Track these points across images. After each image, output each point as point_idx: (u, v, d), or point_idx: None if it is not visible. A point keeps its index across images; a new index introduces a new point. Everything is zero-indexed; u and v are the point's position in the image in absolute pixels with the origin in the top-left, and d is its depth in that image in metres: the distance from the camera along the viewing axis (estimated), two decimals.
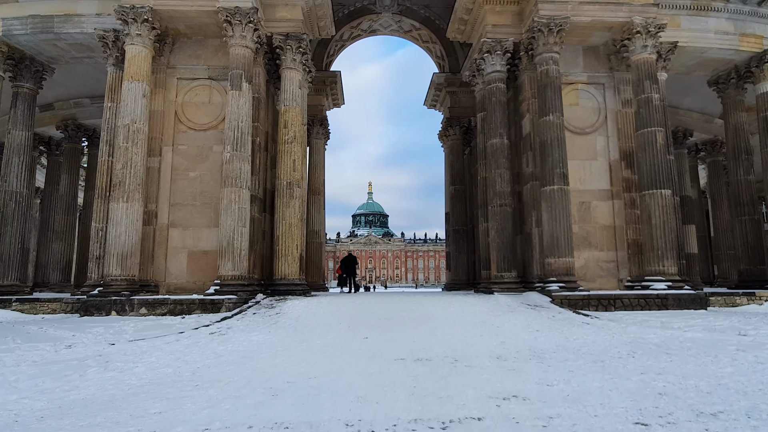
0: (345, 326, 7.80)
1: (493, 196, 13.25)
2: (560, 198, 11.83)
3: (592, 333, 7.21)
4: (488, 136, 13.70)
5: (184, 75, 13.23)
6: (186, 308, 10.65)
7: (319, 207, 19.11)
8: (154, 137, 12.66)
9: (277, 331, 7.50)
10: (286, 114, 13.04)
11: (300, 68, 13.49)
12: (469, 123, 19.63)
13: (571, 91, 13.59)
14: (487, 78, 13.83)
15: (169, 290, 12.36)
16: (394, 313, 9.08)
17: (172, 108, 13.03)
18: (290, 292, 12.12)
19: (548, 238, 11.86)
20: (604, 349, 5.97)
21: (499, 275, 12.87)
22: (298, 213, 12.88)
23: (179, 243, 12.54)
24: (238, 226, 11.27)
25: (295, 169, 12.90)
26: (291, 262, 12.46)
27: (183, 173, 12.84)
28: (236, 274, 11.12)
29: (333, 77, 19.26)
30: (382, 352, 5.83)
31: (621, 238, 13.16)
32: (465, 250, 19.07)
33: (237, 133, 11.59)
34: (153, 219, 12.42)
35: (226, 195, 11.36)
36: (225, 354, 5.86)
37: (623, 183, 13.29)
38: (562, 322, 8.23)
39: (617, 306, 11.05)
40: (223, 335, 7.28)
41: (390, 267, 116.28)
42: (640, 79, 12.63)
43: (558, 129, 12.11)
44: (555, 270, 11.64)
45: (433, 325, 7.91)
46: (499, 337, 6.84)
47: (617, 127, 13.57)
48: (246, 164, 11.66)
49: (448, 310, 9.48)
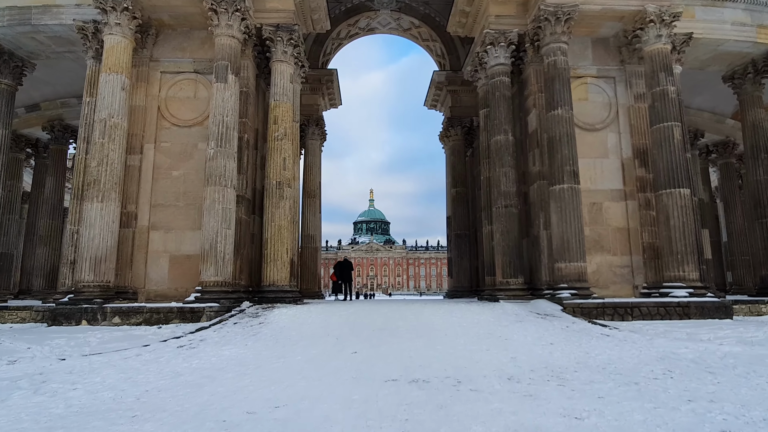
0: (333, 338, 6.89)
1: (498, 197, 12.36)
2: (570, 197, 10.94)
3: (615, 347, 6.29)
4: (492, 133, 12.84)
5: (168, 68, 12.45)
6: (163, 317, 9.74)
7: (314, 210, 18.25)
8: (134, 134, 11.86)
9: (255, 344, 6.59)
10: (276, 109, 12.22)
11: (291, 61, 12.69)
12: (471, 123, 18.84)
13: (579, 86, 12.76)
14: (491, 72, 13.00)
15: (148, 297, 11.48)
16: (390, 323, 8.15)
17: (154, 103, 12.24)
18: (279, 300, 11.21)
19: (558, 241, 10.96)
20: (635, 368, 5.05)
21: (505, 281, 11.95)
22: (288, 215, 12.00)
23: (160, 247, 11.68)
24: (222, 227, 10.40)
25: (285, 167, 12.05)
26: (280, 267, 11.56)
27: (166, 172, 12.01)
28: (219, 280, 10.23)
29: (329, 76, 18.49)
30: (372, 370, 4.92)
31: (636, 241, 12.25)
32: (467, 256, 18.17)
33: (222, 128, 10.76)
34: (132, 221, 11.57)
35: (209, 194, 10.50)
36: (185, 373, 4.96)
37: (637, 182, 12.40)
38: (578, 334, 7.31)
39: (635, 315, 10.10)
40: (193, 349, 6.38)
41: (391, 274, 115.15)
42: (654, 71, 11.79)
43: (567, 124, 11.25)
44: (566, 276, 10.72)
45: (433, 336, 7.00)
46: (509, 351, 5.93)
47: (630, 123, 12.72)
48: (231, 161, 10.82)
49: (449, 319, 8.55)
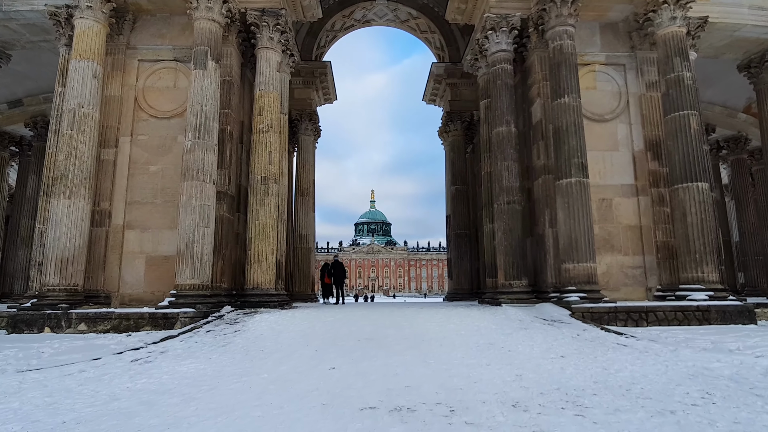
0: (311, 350, 6.04)
1: (500, 193, 11.49)
2: (579, 192, 10.06)
3: (636, 360, 5.41)
4: (493, 125, 11.97)
5: (147, 56, 11.65)
6: (133, 324, 8.90)
7: (307, 209, 17.40)
8: (109, 126, 11.06)
9: (220, 357, 5.75)
10: (262, 99, 11.39)
11: (278, 49, 11.87)
12: (472, 117, 17.97)
13: (587, 74, 11.89)
14: (492, 59, 12.14)
15: (123, 302, 10.66)
16: (379, 331, 7.29)
17: (131, 93, 11.43)
18: (263, 304, 10.36)
19: (565, 240, 10.08)
20: (665, 389, 4.19)
21: (508, 284, 11.07)
22: (274, 212, 11.16)
23: (136, 247, 10.85)
24: (200, 226, 9.56)
25: (271, 161, 11.21)
26: (265, 268, 10.72)
27: (142, 167, 11.19)
28: (196, 283, 9.39)
29: (323, 68, 17.64)
30: (347, 394, 4.07)
31: (648, 240, 11.36)
32: (468, 256, 17.28)
33: (200, 118, 9.93)
34: (106, 219, 10.75)
35: (186, 190, 9.67)
36: (123, 396, 4.12)
37: (650, 177, 11.53)
38: (591, 344, 6.44)
39: (650, 320, 9.22)
40: (148, 363, 5.53)
41: (393, 276, 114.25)
42: (668, 56, 10.91)
43: (575, 112, 10.38)
44: (574, 277, 9.84)
45: (426, 348, 6.14)
46: (513, 366, 5.06)
47: (641, 113, 11.84)
48: (211, 154, 9.98)
49: (446, 327, 7.69)
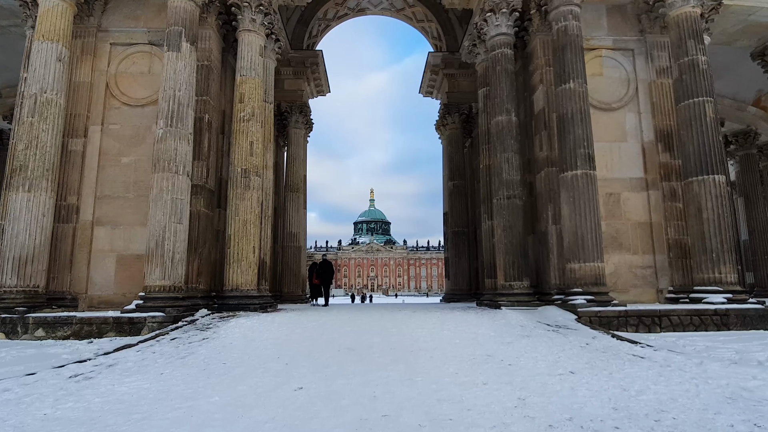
0: (281, 363, 5.23)
1: (499, 187, 10.68)
2: (585, 186, 9.25)
3: (659, 377, 4.61)
4: (492, 114, 11.16)
5: (119, 39, 10.82)
6: (96, 330, 8.09)
7: (297, 205, 16.58)
8: (77, 114, 10.25)
9: (174, 372, 4.94)
10: (243, 85, 10.56)
11: (262, 32, 11.03)
12: (470, 110, 17.14)
13: (593, 59, 11.07)
14: (491, 43, 11.32)
15: (91, 304, 9.86)
16: (363, 339, 6.48)
17: (102, 79, 10.61)
18: (242, 307, 9.55)
19: (570, 238, 9.27)
20: (701, 419, 3.39)
21: (508, 285, 10.28)
22: (256, 207, 10.34)
23: (106, 245, 10.05)
24: (171, 222, 8.75)
25: (253, 153, 10.39)
26: (245, 268, 9.90)
27: (114, 159, 10.38)
28: (167, 285, 8.57)
29: (314, 58, 16.80)
30: (309, 427, 3.26)
31: (659, 237, 10.57)
32: (466, 255, 16.49)
33: (173, 104, 9.10)
34: (73, 215, 9.94)
35: (157, 182, 8.85)
36: (31, 429, 3.31)
37: (661, 169, 10.72)
38: (603, 356, 5.63)
39: (663, 325, 8.42)
40: (88, 380, 4.72)
41: (392, 275, 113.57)
42: (681, 39, 10.10)
43: (581, 99, 9.57)
44: (580, 278, 9.04)
45: (414, 361, 5.33)
46: (515, 386, 4.26)
47: (651, 101, 11.03)
48: (185, 144, 9.16)
49: (439, 334, 6.88)
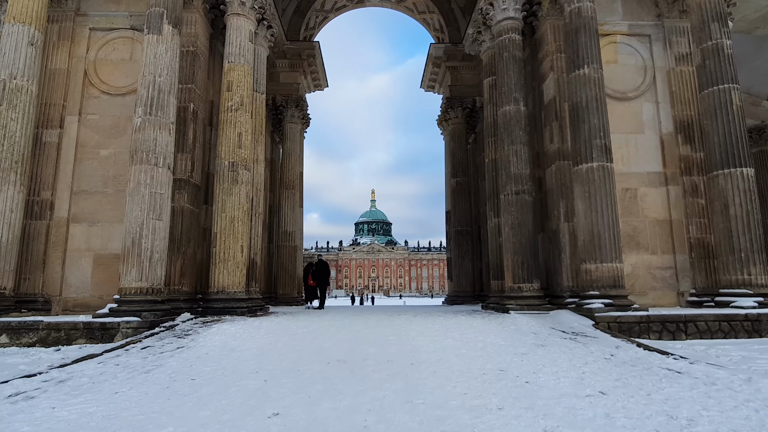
0: (259, 379, 4.47)
1: (507, 181, 9.92)
2: (602, 179, 8.48)
3: (707, 399, 3.84)
4: (499, 104, 10.40)
5: (99, 24, 10.11)
6: (64, 336, 7.33)
7: (293, 203, 15.84)
8: (53, 103, 9.54)
9: (131, 391, 4.19)
10: (231, 73, 9.83)
11: (252, 16, 10.31)
12: (474, 104, 16.38)
13: (607, 45, 10.31)
14: (498, 29, 10.57)
15: (66, 308, 9.13)
16: (357, 349, 5.72)
17: (81, 66, 9.89)
18: (229, 311, 8.81)
19: (585, 236, 8.50)
20: None
21: (516, 287, 9.51)
22: (245, 203, 9.60)
23: (83, 244, 9.32)
24: (150, 218, 8.00)
25: (241, 145, 9.64)
26: (232, 269, 9.15)
27: (92, 151, 9.66)
28: (144, 287, 7.82)
29: (310, 49, 16.07)
30: None
31: (680, 236, 9.80)
32: (470, 256, 15.72)
33: (152, 91, 8.36)
34: (46, 211, 9.23)
35: (134, 175, 8.10)
36: None
37: (681, 163, 9.96)
38: (633, 370, 4.85)
39: (689, 332, 7.63)
40: (28, 401, 3.98)
41: (393, 276, 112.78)
42: (704, 22, 9.33)
43: (596, 85, 8.80)
44: (596, 280, 8.26)
45: (415, 376, 4.57)
46: (536, 411, 3.49)
47: (670, 89, 10.27)
48: (165, 134, 8.42)
49: (443, 342, 6.11)
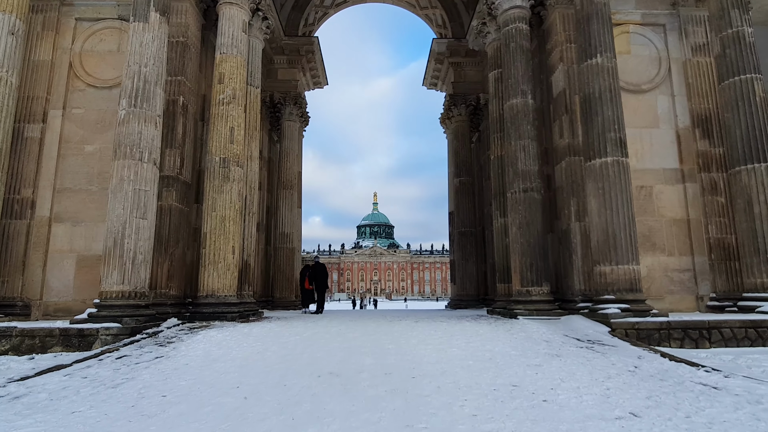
0: (239, 397, 3.93)
1: (514, 179, 9.38)
2: (617, 175, 7.91)
3: (759, 423, 3.29)
4: (506, 97, 9.87)
5: (86, 14, 9.65)
6: (39, 343, 6.82)
7: (291, 204, 15.33)
8: (35, 96, 9.07)
9: (91, 411, 3.64)
10: (223, 64, 9.33)
11: (246, 5, 9.82)
12: (477, 102, 15.84)
13: (619, 35, 9.77)
14: (504, 18, 10.05)
15: (46, 312, 8.63)
16: (353, 359, 5.17)
17: (65, 58, 9.43)
18: (218, 316, 8.27)
19: (599, 236, 7.93)
20: None
21: (524, 290, 8.94)
22: (237, 202, 9.08)
23: (66, 245, 8.82)
24: (133, 217, 7.48)
25: (233, 140, 9.14)
26: (223, 271, 8.63)
27: (76, 146, 9.18)
28: (126, 290, 7.30)
29: (309, 45, 15.58)
30: None
31: (698, 236, 9.23)
32: (473, 258, 15.15)
33: (137, 81, 7.87)
34: (27, 210, 8.73)
35: (117, 170, 7.59)
36: None
37: (699, 159, 9.40)
38: (662, 385, 4.29)
39: (714, 339, 7.05)
40: None
41: (396, 279, 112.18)
42: (723, 9, 8.78)
43: (609, 75, 8.25)
44: (611, 283, 7.69)
45: (416, 392, 4.01)
46: None
47: (686, 81, 9.73)
48: (151, 127, 7.91)
49: (447, 351, 5.55)
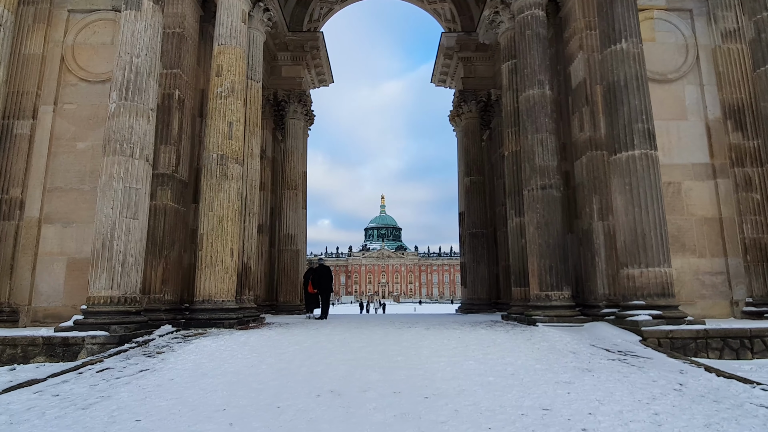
0: (223, 423, 3.36)
1: (531, 175, 8.76)
2: (645, 170, 7.26)
3: None
4: (521, 89, 9.27)
5: (78, 6, 9.23)
6: (21, 353, 6.33)
7: (296, 205, 14.82)
8: (25, 91, 8.64)
9: None
10: (221, 56, 8.84)
11: None
12: (489, 98, 15.23)
13: (643, 21, 9.09)
14: (518, 5, 9.46)
15: (35, 318, 8.17)
16: (357, 374, 4.60)
17: (57, 51, 9.01)
18: (215, 323, 7.74)
19: (627, 236, 7.28)
20: None
21: (543, 295, 8.31)
22: (235, 201, 8.56)
23: (56, 247, 8.36)
24: (123, 217, 6.99)
25: (232, 136, 8.63)
26: (220, 275, 8.10)
27: (68, 144, 8.74)
28: (115, 296, 6.80)
29: (314, 40, 15.10)
30: None
31: (732, 236, 8.55)
32: (485, 260, 14.51)
33: (129, 72, 7.39)
34: (15, 211, 8.29)
35: (106, 167, 7.11)
36: None
37: (731, 153, 8.72)
38: (718, 408, 3.66)
39: (756, 349, 6.38)
40: None
41: (403, 282, 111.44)
42: None
43: (636, 62, 7.61)
44: (641, 287, 7.04)
45: (430, 418, 3.42)
46: None
47: (716, 70, 9.06)
48: (143, 122, 7.42)
49: (463, 364, 4.96)
